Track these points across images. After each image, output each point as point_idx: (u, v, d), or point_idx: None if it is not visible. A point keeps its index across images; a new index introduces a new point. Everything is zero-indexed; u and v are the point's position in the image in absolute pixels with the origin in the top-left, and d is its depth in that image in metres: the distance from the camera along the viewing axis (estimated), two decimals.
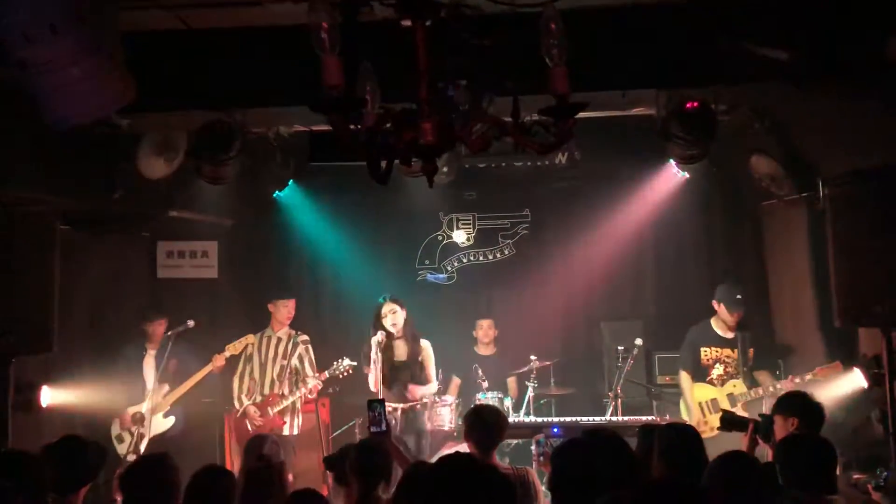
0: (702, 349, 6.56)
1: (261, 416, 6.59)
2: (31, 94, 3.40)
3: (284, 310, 6.85)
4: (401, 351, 6.47)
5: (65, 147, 4.90)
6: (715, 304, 6.52)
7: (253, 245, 7.95)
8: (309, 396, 6.69)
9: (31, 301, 5.25)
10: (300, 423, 6.78)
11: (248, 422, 6.60)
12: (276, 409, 6.61)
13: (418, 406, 6.42)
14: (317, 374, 6.64)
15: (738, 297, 6.43)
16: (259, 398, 6.68)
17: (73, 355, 6.30)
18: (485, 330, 7.30)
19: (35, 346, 5.33)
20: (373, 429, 4.20)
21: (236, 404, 6.72)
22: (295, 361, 6.77)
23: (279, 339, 6.84)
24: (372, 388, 6.26)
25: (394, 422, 5.95)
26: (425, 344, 6.58)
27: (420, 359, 6.52)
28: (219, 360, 6.66)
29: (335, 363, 6.59)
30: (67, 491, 3.64)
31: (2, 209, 5.25)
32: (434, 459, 4.29)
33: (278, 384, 6.69)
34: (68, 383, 6.05)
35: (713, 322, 6.56)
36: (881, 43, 4.09)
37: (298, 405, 6.74)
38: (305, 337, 6.89)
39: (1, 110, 4.37)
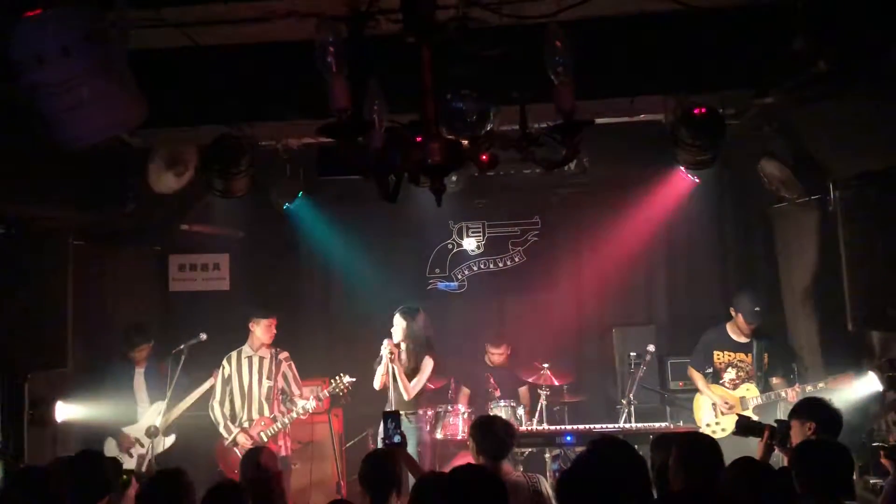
0: (715, 352, 6.55)
1: (252, 444, 6.02)
2: (43, 113, 3.44)
3: (267, 329, 6.43)
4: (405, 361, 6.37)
5: (77, 163, 4.94)
6: (732, 311, 6.50)
7: (264, 257, 7.98)
8: (301, 417, 6.35)
9: (45, 317, 5.28)
10: (288, 444, 6.48)
11: (238, 451, 6.08)
12: (269, 432, 6.25)
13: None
14: (302, 394, 6.38)
15: (757, 308, 6.41)
16: (247, 423, 6.32)
17: (87, 371, 6.33)
18: (495, 357, 7.25)
19: (49, 362, 5.37)
20: (387, 441, 4.21)
21: (224, 433, 6.31)
22: (280, 380, 6.45)
23: (262, 359, 6.44)
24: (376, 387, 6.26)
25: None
26: (428, 362, 6.41)
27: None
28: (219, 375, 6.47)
29: (334, 381, 6.38)
30: (87, 502, 3.68)
31: (16, 225, 5.30)
32: (446, 470, 4.31)
33: (267, 406, 6.35)
34: (83, 399, 6.08)
35: (728, 327, 6.55)
36: (889, 45, 4.07)
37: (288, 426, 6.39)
38: (286, 353, 6.53)
39: (14, 128, 4.41)
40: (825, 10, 4.27)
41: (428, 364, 6.42)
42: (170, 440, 6.57)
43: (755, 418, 5.92)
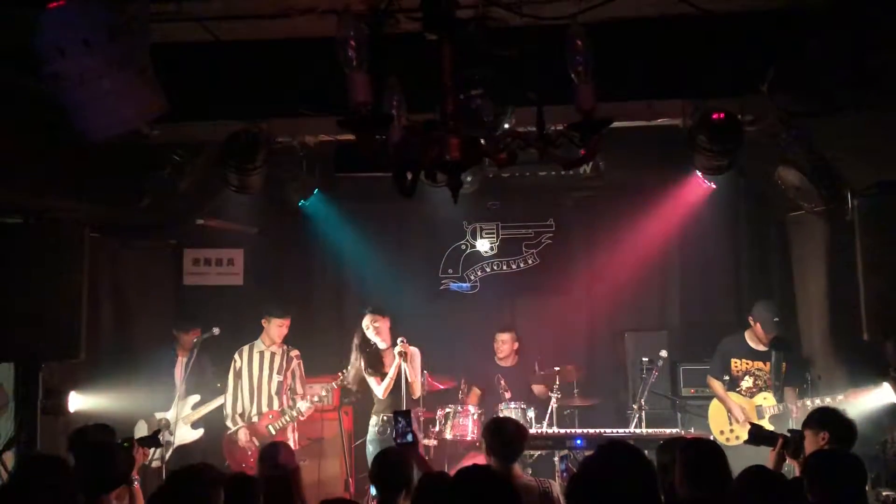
0: (732, 360, 6.51)
1: (252, 438, 6.29)
2: (63, 105, 3.47)
3: (279, 328, 6.55)
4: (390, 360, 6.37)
5: (94, 156, 4.97)
6: (751, 320, 6.46)
7: (278, 253, 8.01)
8: (301, 419, 6.44)
9: (59, 308, 5.30)
10: (297, 438, 6.56)
11: (240, 444, 6.33)
12: (277, 426, 6.35)
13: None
14: (305, 394, 6.49)
15: (776, 319, 6.36)
16: (256, 417, 6.44)
17: (100, 361, 6.37)
18: (499, 344, 7.21)
19: (63, 353, 5.40)
20: (399, 440, 4.21)
21: (230, 424, 6.44)
22: (289, 377, 6.54)
23: (273, 354, 6.58)
24: (380, 396, 6.24)
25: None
26: (414, 351, 6.34)
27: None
28: None
29: (341, 374, 6.45)
30: (98, 493, 3.70)
31: (33, 216, 5.35)
32: (454, 470, 4.31)
33: (277, 400, 6.47)
34: (95, 389, 6.12)
35: (747, 335, 6.51)
36: None
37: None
38: (297, 352, 6.65)
39: (33, 121, 4.45)
40: (843, 17, 4.24)
41: (416, 355, 6.39)
42: (197, 433, 6.63)
43: (771, 427, 5.87)
